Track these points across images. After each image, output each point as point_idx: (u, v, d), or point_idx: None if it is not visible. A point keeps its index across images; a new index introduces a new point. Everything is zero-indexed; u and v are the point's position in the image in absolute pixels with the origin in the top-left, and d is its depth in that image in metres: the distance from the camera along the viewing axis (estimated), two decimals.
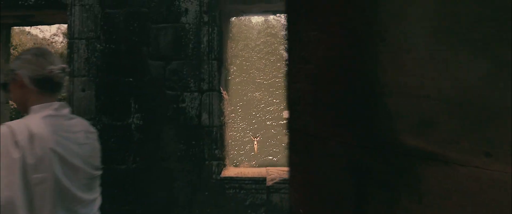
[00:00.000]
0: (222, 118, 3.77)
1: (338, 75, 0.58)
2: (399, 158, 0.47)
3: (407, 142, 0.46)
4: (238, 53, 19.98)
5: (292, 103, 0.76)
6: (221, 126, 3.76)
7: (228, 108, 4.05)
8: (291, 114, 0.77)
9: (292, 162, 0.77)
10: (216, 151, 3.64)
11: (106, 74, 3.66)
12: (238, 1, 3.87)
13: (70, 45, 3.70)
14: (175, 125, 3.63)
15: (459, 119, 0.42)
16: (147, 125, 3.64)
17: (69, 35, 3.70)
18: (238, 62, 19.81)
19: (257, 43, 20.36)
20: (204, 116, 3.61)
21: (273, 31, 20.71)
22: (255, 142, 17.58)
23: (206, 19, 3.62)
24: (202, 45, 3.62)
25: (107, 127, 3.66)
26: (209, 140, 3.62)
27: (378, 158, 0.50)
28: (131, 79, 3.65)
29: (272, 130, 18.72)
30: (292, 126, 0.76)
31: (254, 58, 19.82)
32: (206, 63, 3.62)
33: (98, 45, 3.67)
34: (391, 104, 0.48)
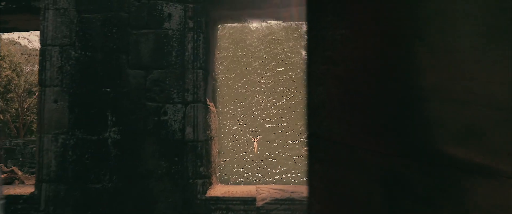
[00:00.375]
0: (208, 132, 3.46)
1: (370, 77, 0.53)
2: (442, 170, 0.44)
3: (451, 152, 0.43)
4: (239, 59, 19.99)
5: (314, 107, 0.71)
6: (207, 141, 3.45)
7: (215, 121, 3.75)
8: (313, 119, 0.72)
9: (313, 170, 0.73)
10: (201, 168, 3.33)
11: (81, 84, 3.35)
12: (226, 7, 3.62)
13: (42, 52, 3.39)
14: (156, 139, 3.31)
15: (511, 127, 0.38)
16: (125, 139, 3.32)
17: (42, 41, 3.39)
18: (237, 66, 19.89)
19: (258, 49, 20.38)
20: (188, 130, 3.31)
21: (274, 37, 20.67)
22: (255, 143, 18.03)
23: (191, 25, 3.36)
24: (186, 53, 3.34)
25: (81, 141, 3.32)
26: (193, 156, 3.30)
27: (416, 170, 0.47)
28: (108, 90, 3.34)
29: (273, 133, 19.09)
30: (314, 132, 0.71)
31: (255, 65, 19.88)
32: (191, 72, 3.33)
33: (73, 53, 3.37)
34: (432, 110, 0.45)
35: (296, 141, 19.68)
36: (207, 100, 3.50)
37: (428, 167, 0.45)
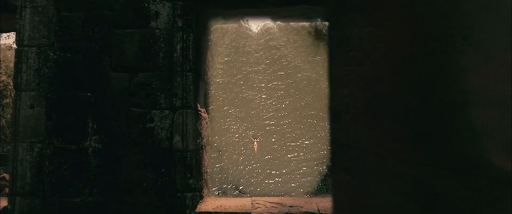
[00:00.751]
0: (198, 141, 3.17)
1: (402, 79, 0.50)
2: (489, 184, 0.38)
3: (498, 164, 0.38)
4: (239, 64, 20.22)
5: (337, 111, 0.69)
6: (198, 150, 3.15)
7: (207, 129, 3.46)
8: (336, 124, 0.69)
9: (337, 179, 0.69)
10: (191, 181, 3.02)
11: (60, 88, 3.06)
12: (219, 5, 3.35)
13: (18, 54, 3.11)
14: (141, 149, 3.01)
15: None
16: (107, 149, 3.02)
17: (18, 42, 3.12)
18: (238, 71, 20.12)
19: (258, 53, 20.65)
20: (177, 139, 3.01)
21: (273, 43, 20.87)
22: (255, 143, 18.65)
23: (180, 24, 3.08)
24: (175, 54, 3.06)
25: (59, 151, 3.03)
26: (182, 167, 3.00)
27: (457, 182, 0.42)
28: (89, 94, 3.05)
29: (274, 135, 19.78)
30: (337, 138, 0.68)
31: (256, 69, 20.23)
32: (180, 75, 3.04)
33: (52, 54, 3.09)
34: (477, 117, 0.40)
35: (295, 143, 20.34)
36: (198, 105, 3.21)
37: (471, 180, 0.41)
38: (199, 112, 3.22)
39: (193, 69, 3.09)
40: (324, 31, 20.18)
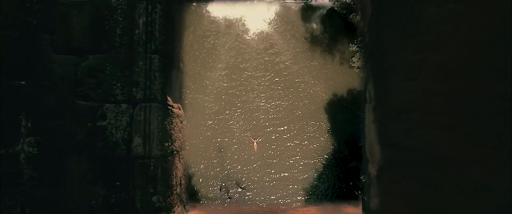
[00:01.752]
0: (167, 145, 2.43)
1: (496, 70, 0.38)
2: None
3: None
4: (238, 70, 21.07)
5: (399, 110, 0.51)
6: (166, 157, 2.41)
7: (182, 130, 2.72)
8: (395, 124, 0.52)
9: (393, 191, 0.52)
10: (155, 198, 2.28)
11: None
12: None
13: None
14: (89, 155, 2.27)
15: None
16: (44, 155, 2.28)
17: None
18: (238, 77, 20.94)
19: (257, 59, 21.22)
20: (137, 142, 2.27)
21: (274, 50, 21.30)
22: (255, 144, 18.93)
23: None
24: (136, 31, 2.34)
25: None
26: (143, 180, 2.26)
27: None
28: (22, 83, 2.32)
29: (273, 136, 20.95)
30: (398, 142, 0.51)
31: (255, 74, 20.98)
32: (142, 58, 2.32)
33: None
34: None
35: (293, 144, 21.15)
36: (169, 99, 2.48)
37: None
38: (170, 108, 2.49)
39: (161, 51, 2.38)
40: (320, 37, 21.01)
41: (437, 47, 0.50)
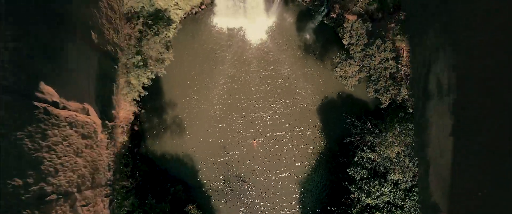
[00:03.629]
0: None
1: None
2: None
3: None
4: (239, 78, 22.88)
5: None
6: None
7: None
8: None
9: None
10: None
11: None
12: None
13: None
14: None
15: None
16: None
17: None
18: (238, 85, 22.74)
19: (259, 65, 23.09)
20: None
21: (272, 57, 22.78)
22: (255, 143, 21.92)
23: None
24: None
25: None
26: None
27: None
28: None
29: (272, 139, 22.69)
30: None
31: (254, 79, 22.81)
32: None
33: None
34: None
35: (292, 145, 22.55)
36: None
37: None
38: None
39: None
40: (313, 45, 22.41)
41: None
